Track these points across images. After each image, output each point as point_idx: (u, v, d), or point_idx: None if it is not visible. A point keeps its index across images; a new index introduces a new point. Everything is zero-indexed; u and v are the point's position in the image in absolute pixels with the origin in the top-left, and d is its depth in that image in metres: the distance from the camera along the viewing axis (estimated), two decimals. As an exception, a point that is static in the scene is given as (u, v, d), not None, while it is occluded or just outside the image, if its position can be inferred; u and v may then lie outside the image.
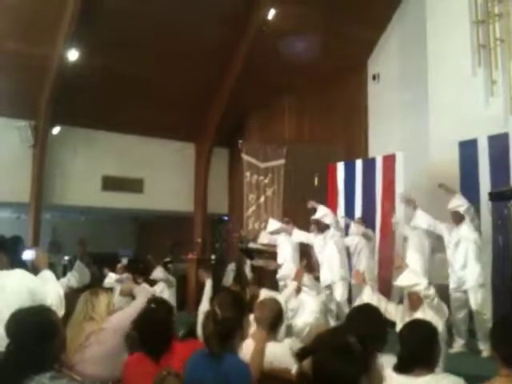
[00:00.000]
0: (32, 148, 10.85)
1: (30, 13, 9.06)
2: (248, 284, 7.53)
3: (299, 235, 7.77)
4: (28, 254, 4.50)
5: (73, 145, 11.36)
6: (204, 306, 4.58)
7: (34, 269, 3.51)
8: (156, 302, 3.36)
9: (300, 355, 1.76)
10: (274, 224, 8.53)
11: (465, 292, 6.11)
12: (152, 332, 3.04)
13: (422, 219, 6.52)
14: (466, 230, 6.15)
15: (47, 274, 3.46)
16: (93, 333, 3.31)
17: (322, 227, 7.35)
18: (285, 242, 8.19)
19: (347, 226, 8.04)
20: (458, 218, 6.21)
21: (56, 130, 11.08)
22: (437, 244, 6.92)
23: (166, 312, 3.20)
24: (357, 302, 6.22)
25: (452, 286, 6.22)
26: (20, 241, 4.73)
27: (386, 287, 7.49)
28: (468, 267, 6.09)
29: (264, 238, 8.99)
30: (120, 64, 10.28)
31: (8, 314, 2.40)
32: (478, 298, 5.97)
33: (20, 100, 10.24)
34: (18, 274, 3.25)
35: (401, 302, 7.09)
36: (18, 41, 9.36)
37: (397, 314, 4.29)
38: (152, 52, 10.31)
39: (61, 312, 3.29)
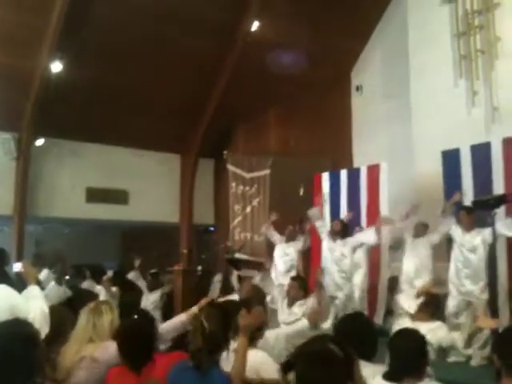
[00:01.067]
0: (15, 160, 10.77)
1: (14, 24, 9.02)
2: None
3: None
4: (16, 267, 4.45)
5: (57, 157, 11.30)
6: None
7: (21, 282, 3.44)
8: (138, 314, 3.30)
9: (284, 367, 1.76)
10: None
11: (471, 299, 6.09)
12: (133, 344, 2.98)
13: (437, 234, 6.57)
14: (481, 240, 6.02)
15: (34, 291, 3.36)
16: (86, 358, 3.21)
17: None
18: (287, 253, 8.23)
19: None
20: (470, 223, 6.16)
21: (40, 142, 11.03)
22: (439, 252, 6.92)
23: (148, 324, 3.15)
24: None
25: (456, 292, 6.19)
26: (4, 254, 4.65)
27: (373, 297, 7.55)
28: (479, 276, 6.05)
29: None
30: (104, 75, 10.26)
31: None
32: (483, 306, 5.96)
33: (3, 112, 10.15)
34: (2, 290, 3.20)
35: (388, 312, 7.16)
36: (1, 52, 9.30)
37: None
38: (137, 63, 10.30)
39: (45, 330, 3.19)
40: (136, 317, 3.23)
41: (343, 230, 7.19)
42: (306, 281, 6.53)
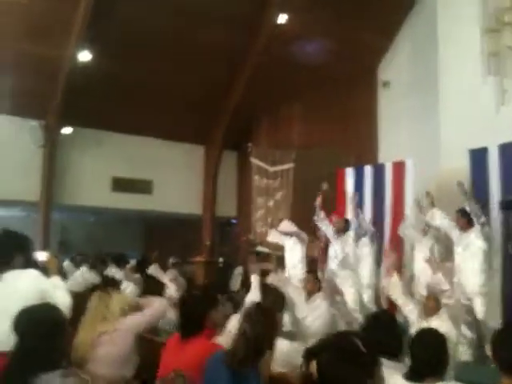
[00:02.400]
0: (42, 148, 10.94)
1: (43, 14, 9.14)
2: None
3: (324, 224, 7.71)
4: (40, 256, 4.52)
5: (83, 145, 11.43)
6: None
7: (44, 271, 3.51)
8: (203, 292, 3.46)
9: (305, 357, 1.76)
10: (287, 226, 8.52)
11: (469, 299, 6.09)
12: (184, 312, 3.16)
13: (438, 216, 6.51)
14: (474, 237, 6.14)
15: (57, 282, 3.44)
16: (105, 332, 3.34)
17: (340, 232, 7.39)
18: (294, 247, 8.20)
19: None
20: (465, 224, 6.20)
21: (67, 131, 11.17)
22: (445, 252, 6.91)
23: (206, 300, 3.28)
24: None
25: (457, 293, 6.19)
26: (30, 241, 4.74)
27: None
28: (473, 274, 6.08)
29: (273, 237, 8.97)
30: (131, 66, 10.36)
31: None
32: (480, 305, 5.95)
33: (32, 100, 10.33)
34: (32, 274, 3.25)
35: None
36: (31, 42, 9.43)
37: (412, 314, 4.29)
38: (163, 55, 10.36)
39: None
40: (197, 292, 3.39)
41: (346, 227, 7.32)
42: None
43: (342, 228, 7.37)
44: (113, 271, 8.50)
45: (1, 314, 2.88)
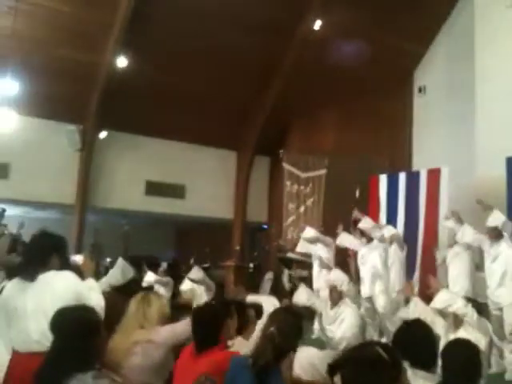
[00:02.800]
0: (79, 151, 11.15)
1: (82, 20, 9.37)
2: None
3: (346, 240, 7.68)
4: (75, 258, 4.57)
5: (118, 149, 11.61)
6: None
7: (78, 273, 3.54)
8: (218, 302, 3.36)
9: (330, 370, 1.75)
10: (310, 232, 8.47)
11: (501, 310, 5.94)
12: (199, 325, 3.05)
13: (468, 232, 6.39)
14: (504, 247, 5.99)
15: (92, 284, 3.44)
16: (141, 342, 3.31)
17: (368, 238, 7.31)
18: (320, 253, 8.14)
19: None
20: (495, 234, 6.05)
21: (103, 135, 11.35)
22: (480, 262, 6.76)
23: (221, 311, 3.18)
24: (402, 313, 6.16)
25: (490, 303, 6.04)
26: (66, 243, 4.80)
27: (427, 303, 7.32)
28: (505, 284, 5.93)
29: (302, 247, 8.93)
30: (166, 72, 10.48)
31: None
32: (509, 316, 5.79)
33: (69, 105, 10.54)
34: (68, 276, 3.26)
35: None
36: (69, 47, 9.67)
37: (442, 328, 4.20)
38: (197, 61, 10.46)
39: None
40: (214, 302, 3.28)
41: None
42: None
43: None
44: (145, 274, 8.56)
45: (37, 314, 2.93)
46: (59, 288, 3.09)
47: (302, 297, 5.39)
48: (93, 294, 3.33)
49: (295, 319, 2.79)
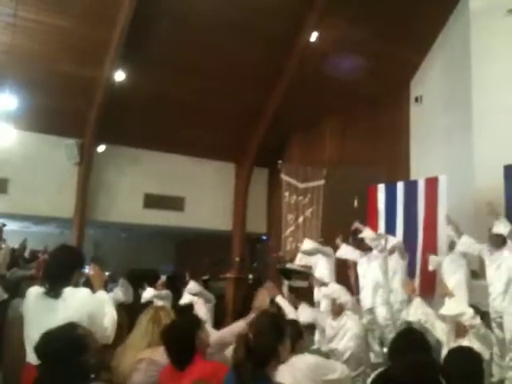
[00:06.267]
0: (78, 165, 11.16)
1: (80, 35, 9.41)
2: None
3: (346, 252, 7.68)
4: (86, 270, 4.55)
5: (117, 163, 11.62)
6: None
7: (89, 285, 3.52)
8: (183, 315, 3.30)
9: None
10: (309, 244, 8.48)
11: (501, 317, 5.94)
12: (175, 343, 3.00)
13: (465, 242, 6.40)
14: (507, 254, 6.00)
15: (104, 296, 3.41)
16: (144, 360, 3.28)
17: (365, 248, 7.32)
18: (320, 263, 8.14)
19: None
20: (498, 242, 6.06)
21: (101, 148, 11.36)
22: (480, 270, 6.77)
23: (191, 324, 3.12)
24: (403, 314, 6.14)
25: (491, 311, 6.04)
26: (83, 257, 4.76)
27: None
28: (508, 293, 5.92)
29: (301, 260, 8.94)
30: (164, 85, 10.52)
31: None
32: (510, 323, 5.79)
33: (68, 119, 10.57)
34: (84, 295, 3.22)
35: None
36: (68, 62, 9.70)
37: (443, 334, 4.20)
38: (195, 74, 10.50)
39: (112, 334, 3.31)
40: (180, 318, 3.24)
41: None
42: None
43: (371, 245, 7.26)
44: (144, 288, 8.55)
45: None
46: (74, 308, 3.08)
47: (304, 315, 5.35)
48: (107, 308, 3.32)
49: (272, 319, 2.68)
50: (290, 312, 4.25)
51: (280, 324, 2.64)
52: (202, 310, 7.24)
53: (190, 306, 7.00)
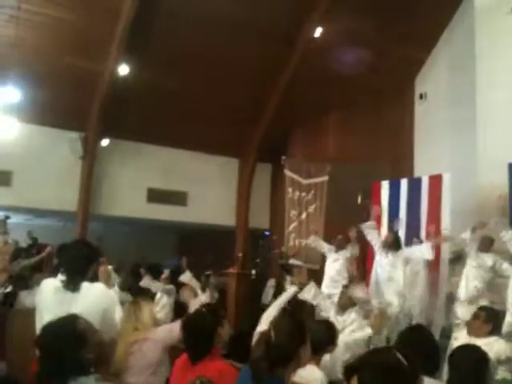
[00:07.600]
0: (81, 159, 11.17)
1: (84, 28, 9.40)
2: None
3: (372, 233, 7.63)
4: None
5: (120, 157, 11.63)
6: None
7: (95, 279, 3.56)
8: (207, 310, 3.25)
9: (346, 373, 1.73)
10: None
11: None
12: (193, 335, 3.01)
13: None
14: None
15: (113, 295, 3.55)
16: (136, 342, 3.36)
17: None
18: (337, 261, 8.18)
19: None
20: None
21: (105, 142, 11.36)
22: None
23: (212, 319, 3.12)
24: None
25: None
26: (98, 252, 4.79)
27: (430, 312, 7.35)
28: None
29: (315, 241, 8.85)
30: (168, 80, 10.51)
31: None
32: None
33: (72, 112, 10.57)
34: (100, 290, 3.29)
35: (444, 329, 6.97)
36: (71, 55, 9.70)
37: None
38: (198, 69, 10.50)
39: (117, 329, 3.37)
40: (203, 310, 3.22)
41: (396, 243, 7.12)
42: None
43: (391, 243, 7.18)
44: (148, 281, 8.55)
45: None
46: (90, 303, 3.11)
47: (308, 294, 5.34)
48: (117, 307, 3.39)
49: (296, 320, 2.62)
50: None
51: (304, 327, 2.57)
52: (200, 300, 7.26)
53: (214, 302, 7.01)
